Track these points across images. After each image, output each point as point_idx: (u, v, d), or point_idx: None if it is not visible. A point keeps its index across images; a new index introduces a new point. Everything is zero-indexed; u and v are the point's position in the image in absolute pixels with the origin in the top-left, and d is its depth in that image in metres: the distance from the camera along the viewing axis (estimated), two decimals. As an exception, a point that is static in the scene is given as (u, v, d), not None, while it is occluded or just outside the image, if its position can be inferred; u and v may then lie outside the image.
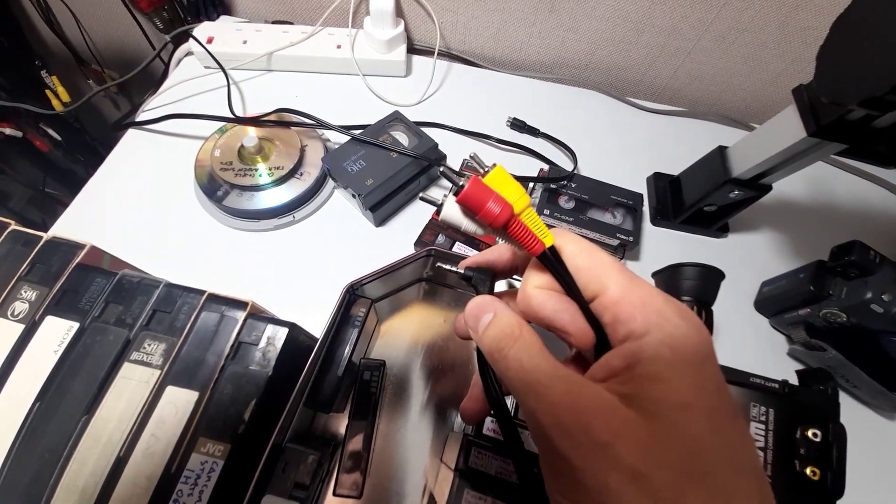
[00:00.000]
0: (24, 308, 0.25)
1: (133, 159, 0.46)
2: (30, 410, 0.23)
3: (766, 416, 0.28)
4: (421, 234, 0.42)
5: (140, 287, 0.26)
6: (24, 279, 0.26)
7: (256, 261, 0.41)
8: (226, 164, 0.41)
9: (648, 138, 0.52)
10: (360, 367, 0.29)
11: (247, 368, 0.24)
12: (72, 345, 0.24)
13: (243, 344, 0.25)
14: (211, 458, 0.22)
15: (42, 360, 0.24)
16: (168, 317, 0.25)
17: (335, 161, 0.40)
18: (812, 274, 0.37)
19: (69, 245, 0.27)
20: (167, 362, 0.24)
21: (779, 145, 0.33)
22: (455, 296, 0.39)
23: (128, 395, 0.23)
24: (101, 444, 0.22)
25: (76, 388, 0.23)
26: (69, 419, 0.22)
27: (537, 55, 0.55)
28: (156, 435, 0.22)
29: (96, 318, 0.25)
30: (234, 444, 0.22)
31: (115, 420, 0.22)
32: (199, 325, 0.25)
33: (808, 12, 0.44)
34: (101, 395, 0.23)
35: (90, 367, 0.23)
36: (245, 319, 0.25)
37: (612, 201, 0.42)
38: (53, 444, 0.22)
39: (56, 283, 0.25)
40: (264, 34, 0.52)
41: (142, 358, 0.24)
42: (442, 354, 0.36)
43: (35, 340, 0.24)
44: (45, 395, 0.23)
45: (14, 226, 0.28)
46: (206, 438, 0.22)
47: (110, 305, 0.25)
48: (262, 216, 0.42)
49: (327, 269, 0.41)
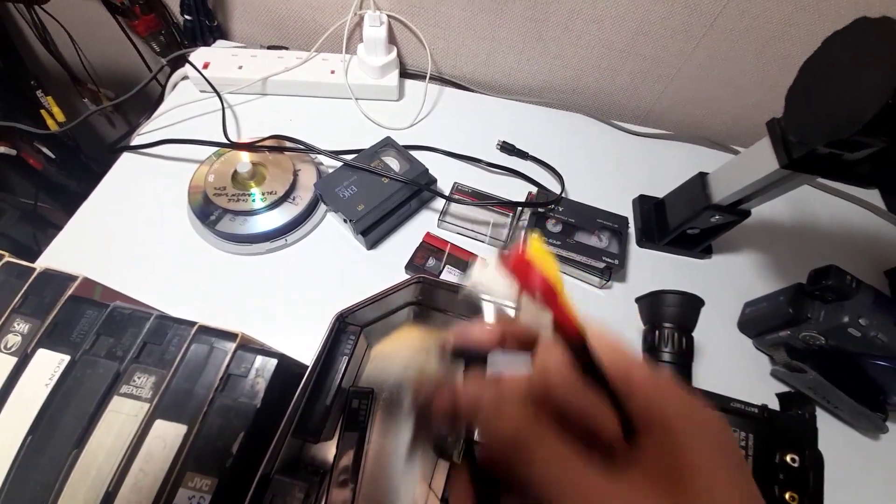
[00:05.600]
0: (17, 341, 0.25)
1: (127, 184, 0.46)
2: (22, 443, 0.23)
3: (746, 442, 0.28)
4: (412, 257, 0.42)
5: (131, 319, 0.26)
6: (17, 311, 0.26)
7: (248, 285, 0.41)
8: (219, 188, 0.42)
9: (634, 160, 0.54)
10: (348, 395, 0.29)
11: (235, 401, 0.24)
12: (63, 378, 0.24)
13: (232, 376, 0.25)
14: (198, 492, 0.22)
15: (34, 394, 0.24)
16: (158, 349, 0.25)
17: (327, 187, 0.41)
18: (791, 297, 0.38)
19: (62, 277, 0.27)
20: (156, 395, 0.24)
21: (754, 175, 0.34)
22: (445, 319, 0.40)
23: (117, 428, 0.23)
24: (91, 478, 0.22)
25: (66, 422, 0.23)
26: (59, 453, 0.23)
27: (525, 80, 0.57)
28: (144, 469, 0.22)
29: (87, 351, 0.25)
30: (222, 478, 0.22)
31: (104, 454, 0.23)
32: (188, 357, 0.25)
33: (786, 42, 0.46)
34: (91, 428, 0.23)
35: (80, 400, 0.24)
36: (234, 351, 0.26)
37: (598, 224, 0.43)
38: (45, 478, 0.22)
39: (48, 315, 0.26)
40: (259, 59, 0.53)
41: (131, 391, 0.24)
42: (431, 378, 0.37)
43: (27, 373, 0.24)
44: (37, 429, 0.23)
45: (8, 258, 0.28)
46: (193, 473, 0.22)
47: (101, 338, 0.26)
48: (255, 240, 0.42)
49: (319, 293, 0.41)
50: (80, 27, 0.67)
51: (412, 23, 0.52)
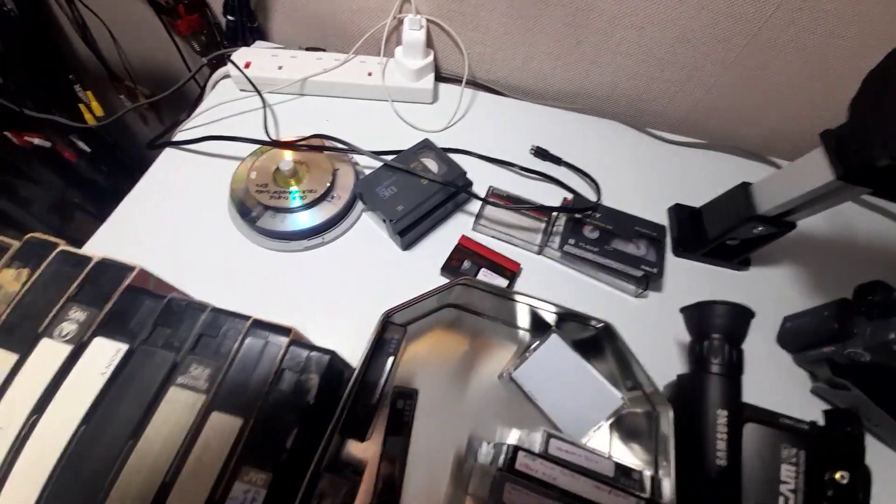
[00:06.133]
0: (73, 329, 0.26)
1: (169, 178, 0.47)
2: (74, 433, 0.23)
3: (797, 458, 0.28)
4: (448, 259, 0.42)
5: (187, 311, 0.27)
6: (73, 300, 0.27)
7: (286, 282, 0.41)
8: (261, 185, 0.42)
9: (668, 169, 0.53)
10: (393, 395, 0.29)
11: (289, 396, 0.24)
12: (120, 367, 0.25)
13: (286, 371, 0.25)
14: (254, 486, 0.22)
15: (89, 382, 0.24)
16: (214, 341, 0.26)
17: (367, 186, 0.42)
18: (836, 312, 0.37)
19: (119, 267, 0.28)
20: (212, 387, 0.24)
21: (806, 186, 0.34)
22: (480, 322, 0.40)
23: (174, 419, 0.23)
24: (147, 468, 0.22)
25: (123, 412, 0.23)
26: (115, 443, 0.23)
27: (560, 86, 0.57)
28: (201, 460, 0.22)
29: (144, 341, 0.25)
30: (276, 473, 0.22)
31: (161, 444, 0.23)
32: (243, 350, 0.25)
33: (830, 54, 0.46)
34: (147, 418, 0.23)
35: (138, 389, 0.24)
36: (288, 346, 0.26)
37: (635, 232, 0.43)
38: (98, 468, 0.22)
39: (106, 304, 0.26)
40: (299, 60, 0.54)
41: (188, 382, 0.24)
42: (464, 381, 0.37)
43: (82, 361, 0.25)
44: (92, 418, 0.23)
45: (63, 246, 0.29)
46: (249, 467, 0.22)
47: (158, 328, 0.26)
48: (294, 237, 0.43)
49: (355, 292, 0.41)
50: (120, 24, 0.69)
51: (451, 27, 0.53)
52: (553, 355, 0.35)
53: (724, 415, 0.28)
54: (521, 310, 0.38)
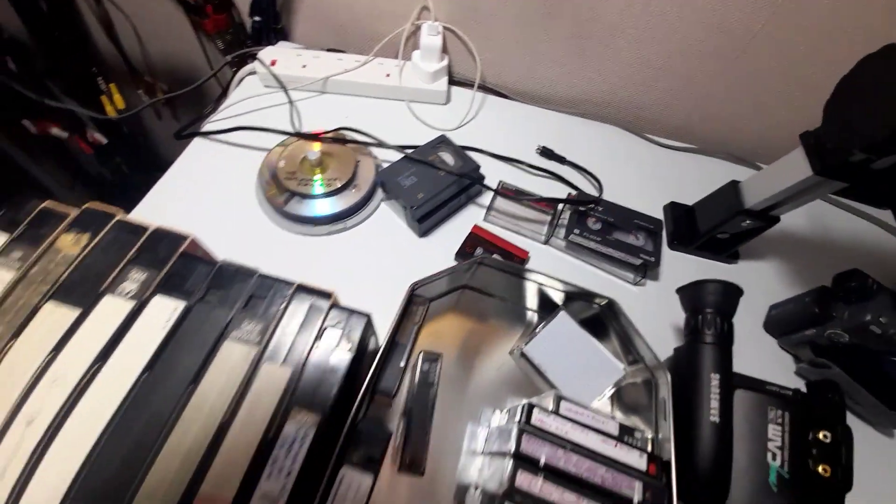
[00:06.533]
0: (134, 288, 0.28)
1: (198, 166, 0.50)
2: (137, 379, 0.26)
3: (783, 419, 0.31)
4: (462, 246, 0.45)
5: (238, 275, 0.29)
6: (133, 262, 0.29)
7: (311, 264, 0.44)
8: (290, 173, 0.45)
9: (663, 171, 0.57)
10: (419, 359, 0.32)
11: (332, 350, 0.27)
12: (178, 322, 0.27)
13: (328, 328, 0.28)
14: (304, 426, 0.25)
15: (150, 335, 0.27)
16: (262, 302, 0.28)
17: (390, 175, 0.45)
18: (817, 297, 0.41)
19: (173, 235, 0.30)
20: (262, 342, 0.27)
21: (788, 181, 0.38)
22: (491, 304, 0.43)
23: (228, 369, 0.26)
24: (205, 411, 0.25)
25: (183, 361, 0.26)
26: (176, 388, 0.25)
27: (564, 92, 0.61)
28: (255, 404, 0.25)
29: (200, 300, 0.28)
30: (323, 416, 0.25)
31: (217, 391, 0.25)
32: (290, 310, 0.28)
33: (810, 67, 0.50)
34: (205, 367, 0.26)
35: (195, 342, 0.26)
36: (329, 308, 0.29)
37: (635, 225, 0.46)
38: (160, 409, 0.25)
39: (163, 267, 0.29)
40: (321, 60, 0.57)
41: (241, 336, 0.27)
42: (477, 357, 0.39)
43: (144, 316, 0.27)
44: (154, 366, 0.26)
45: (120, 216, 0.31)
46: (299, 409, 0.25)
47: (211, 290, 0.28)
48: (319, 222, 0.45)
49: (376, 274, 0.44)
50: (145, 21, 0.71)
51: (465, 34, 0.57)
52: (561, 330, 0.38)
53: (717, 377, 0.31)
54: (530, 290, 0.41)
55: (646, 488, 0.28)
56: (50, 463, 0.24)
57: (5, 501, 0.23)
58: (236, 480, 0.23)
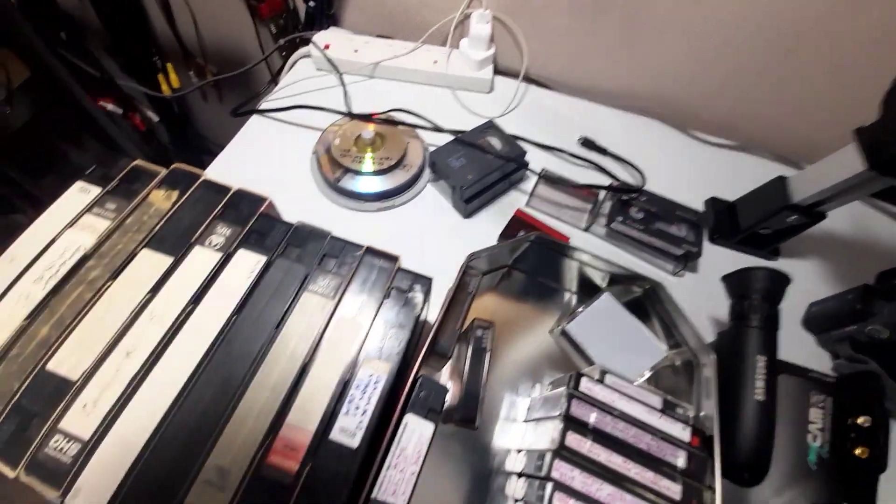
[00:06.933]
0: (221, 241, 0.31)
1: (255, 142, 0.52)
2: (227, 321, 0.28)
3: (825, 403, 0.32)
4: (506, 228, 0.47)
5: (312, 235, 0.31)
6: (219, 218, 0.32)
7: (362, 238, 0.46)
8: (344, 151, 0.48)
9: (704, 167, 0.58)
10: (474, 326, 0.34)
11: (399, 308, 0.29)
12: (261, 274, 0.29)
13: (395, 290, 0.30)
14: (377, 373, 0.27)
15: (238, 283, 0.29)
16: (335, 261, 0.31)
17: (441, 156, 0.47)
18: (859, 295, 0.42)
19: (254, 196, 0.33)
20: (336, 295, 0.29)
21: (839, 177, 0.38)
22: (533, 285, 0.44)
23: (307, 317, 0.28)
24: (288, 352, 0.27)
25: (268, 308, 0.28)
26: (263, 330, 0.28)
27: (608, 84, 0.62)
28: (332, 350, 0.27)
29: (280, 255, 0.30)
30: (394, 365, 0.27)
31: (298, 336, 0.28)
32: (360, 270, 0.30)
33: (858, 71, 0.50)
34: (287, 314, 0.28)
35: (277, 292, 0.29)
36: (396, 270, 0.31)
37: (677, 216, 0.47)
38: (248, 349, 0.27)
39: (246, 224, 0.31)
40: (372, 46, 0.60)
41: (317, 290, 0.29)
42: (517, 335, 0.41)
43: (230, 267, 0.30)
44: (242, 310, 0.28)
45: (205, 177, 0.34)
46: (372, 358, 0.27)
47: (289, 247, 0.31)
48: (369, 199, 0.48)
49: (421, 251, 0.46)
50: (201, 3, 0.75)
51: (514, 24, 0.58)
52: (605, 310, 0.39)
53: (763, 359, 0.32)
54: (570, 273, 0.43)
55: (690, 457, 0.29)
56: (147, 391, 0.26)
57: (99, 424, 0.25)
58: (318, 413, 0.25)
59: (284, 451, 0.24)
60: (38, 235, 0.31)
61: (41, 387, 0.26)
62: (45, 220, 0.32)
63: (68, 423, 0.25)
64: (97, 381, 0.26)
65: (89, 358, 0.27)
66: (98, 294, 0.29)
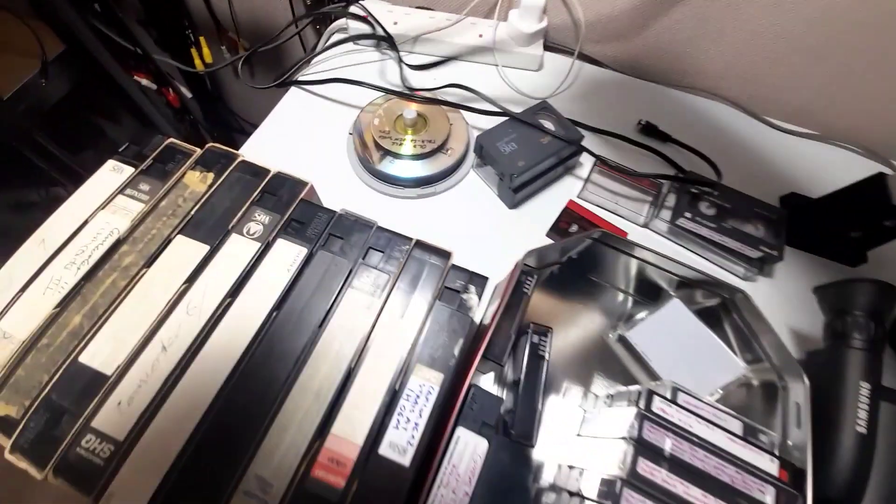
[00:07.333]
0: (259, 229, 0.28)
1: (291, 120, 0.50)
2: (267, 317, 0.26)
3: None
4: (556, 221, 0.43)
5: (356, 226, 0.29)
6: (257, 204, 0.29)
7: (400, 226, 0.43)
8: (384, 132, 0.44)
9: (778, 158, 0.51)
10: (529, 330, 0.31)
11: (454, 310, 0.26)
12: (302, 266, 0.27)
13: (448, 289, 0.27)
14: (428, 382, 0.24)
15: (277, 276, 0.27)
16: (381, 255, 0.28)
17: (489, 140, 0.43)
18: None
19: (294, 180, 0.30)
20: (384, 294, 0.26)
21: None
22: (586, 283, 0.40)
23: (353, 317, 0.26)
24: (333, 354, 0.25)
25: (310, 304, 0.26)
26: (305, 328, 0.25)
27: (672, 62, 0.55)
28: (379, 355, 0.24)
29: (322, 247, 0.28)
30: (447, 375, 0.24)
31: (344, 337, 0.25)
32: (408, 265, 0.27)
33: None
34: (331, 313, 0.26)
35: (320, 287, 0.26)
36: (448, 268, 0.27)
37: (754, 213, 0.42)
38: (290, 348, 0.25)
39: (286, 211, 0.29)
40: (413, 17, 0.55)
41: (362, 286, 0.26)
42: (570, 337, 0.37)
43: (269, 258, 0.27)
44: (282, 306, 0.26)
45: (242, 157, 0.31)
46: (422, 366, 0.24)
47: (332, 238, 0.28)
48: (408, 184, 0.44)
49: (463, 243, 0.42)
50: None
51: (571, -7, 0.52)
52: (672, 319, 0.35)
53: (868, 387, 0.27)
54: (629, 273, 0.39)
55: (779, 493, 0.25)
56: (185, 389, 0.24)
57: (135, 423, 0.24)
58: (366, 424, 0.23)
59: (329, 466, 0.22)
60: (69, 217, 0.29)
61: (73, 381, 0.25)
62: (77, 201, 0.30)
63: (102, 421, 0.24)
64: (133, 377, 0.25)
65: (124, 351, 0.25)
66: (133, 282, 0.27)
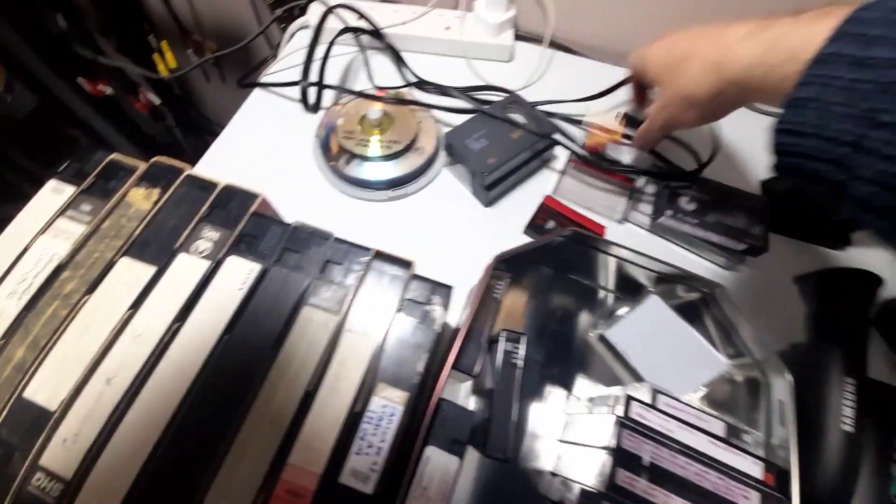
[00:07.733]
0: (209, 247, 0.26)
1: (257, 121, 0.48)
2: (218, 341, 0.24)
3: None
4: (533, 218, 0.42)
5: (312, 238, 0.27)
6: (205, 220, 0.27)
7: (371, 231, 0.41)
8: (348, 133, 0.42)
9: (757, 140, 0.50)
10: (501, 338, 0.29)
11: (416, 323, 0.25)
12: (255, 285, 0.25)
13: (409, 301, 0.25)
14: (391, 402, 0.23)
15: (227, 297, 0.25)
16: (340, 268, 0.26)
17: (458, 137, 0.41)
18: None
19: (244, 193, 0.28)
20: (342, 310, 0.25)
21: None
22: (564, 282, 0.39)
23: (310, 336, 0.24)
24: (289, 377, 0.23)
25: (263, 325, 0.24)
26: (258, 352, 0.24)
27: (647, 48, 0.54)
28: (339, 375, 0.23)
29: (276, 263, 0.26)
30: (412, 393, 0.23)
31: (300, 358, 0.24)
32: (368, 278, 0.26)
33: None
34: (286, 333, 0.24)
35: (274, 306, 0.25)
36: (410, 278, 0.26)
37: (735, 204, 0.41)
38: (243, 372, 0.23)
39: (236, 227, 0.27)
40: (376, 11, 0.53)
41: (320, 303, 0.25)
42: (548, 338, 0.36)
43: (219, 277, 0.26)
44: (234, 329, 0.24)
45: (189, 171, 0.30)
46: (385, 385, 0.23)
47: (287, 252, 0.26)
48: (378, 187, 0.43)
49: (438, 245, 0.41)
50: (194, -24, 0.69)
51: (539, -21, 0.50)
52: (651, 316, 0.34)
53: (853, 383, 0.26)
54: (608, 270, 0.37)
55: (764, 498, 0.24)
56: (131, 422, 0.23)
57: (81, 461, 0.22)
58: (325, 452, 0.21)
59: (287, 498, 0.21)
60: (10, 243, 0.28)
61: (20, 417, 0.23)
62: (17, 226, 0.28)
63: (49, 459, 0.22)
64: (76, 412, 0.23)
65: (67, 385, 0.24)
66: (74, 310, 0.25)
